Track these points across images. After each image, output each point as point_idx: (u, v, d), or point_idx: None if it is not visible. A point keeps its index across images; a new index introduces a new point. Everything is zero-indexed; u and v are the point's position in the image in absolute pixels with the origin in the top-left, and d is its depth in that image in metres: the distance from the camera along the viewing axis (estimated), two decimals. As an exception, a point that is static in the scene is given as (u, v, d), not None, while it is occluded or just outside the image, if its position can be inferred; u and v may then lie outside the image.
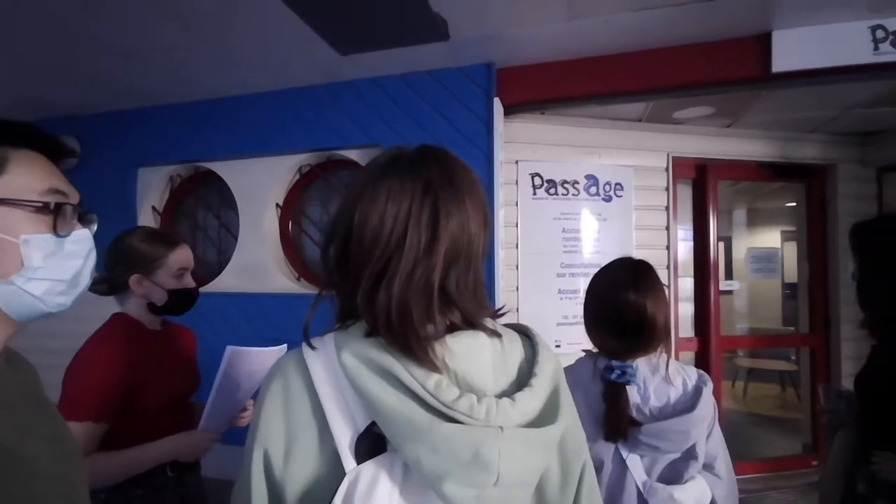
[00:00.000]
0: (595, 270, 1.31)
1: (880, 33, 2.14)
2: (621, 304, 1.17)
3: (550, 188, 2.93)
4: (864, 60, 2.16)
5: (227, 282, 3.11)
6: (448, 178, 0.61)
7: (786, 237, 6.34)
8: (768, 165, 3.44)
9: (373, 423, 0.56)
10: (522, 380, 0.60)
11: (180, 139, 3.13)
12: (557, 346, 2.86)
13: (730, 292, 5.72)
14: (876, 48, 2.15)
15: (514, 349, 0.64)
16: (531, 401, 0.57)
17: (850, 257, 1.47)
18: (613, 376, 1.15)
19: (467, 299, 0.60)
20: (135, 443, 1.18)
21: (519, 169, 2.92)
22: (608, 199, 3.00)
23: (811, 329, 3.54)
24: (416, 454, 0.52)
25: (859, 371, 1.45)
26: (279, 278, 3.03)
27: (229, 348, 1.27)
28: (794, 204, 4.22)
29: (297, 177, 3.19)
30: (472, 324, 0.61)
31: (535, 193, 2.92)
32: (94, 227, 0.71)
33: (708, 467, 1.20)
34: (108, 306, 1.36)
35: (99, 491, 1.13)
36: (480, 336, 0.60)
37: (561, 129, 3.00)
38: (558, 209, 2.92)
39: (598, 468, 1.16)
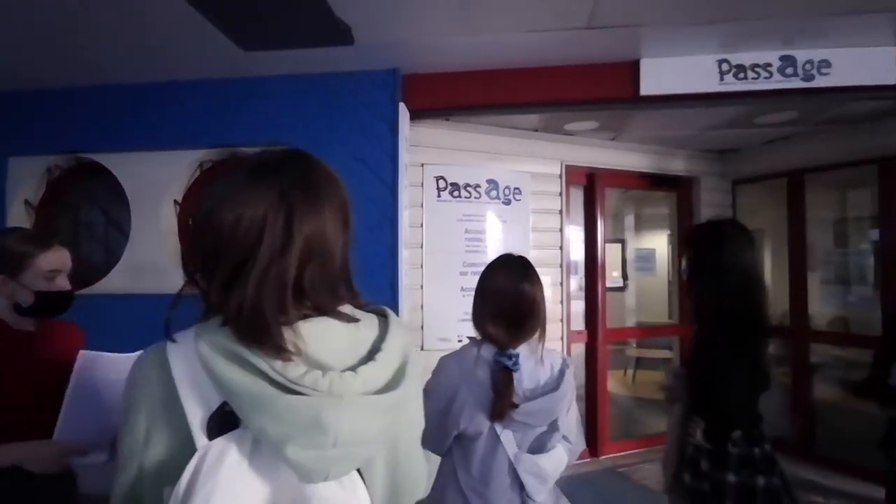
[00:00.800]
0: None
1: (725, 66, 2.53)
2: (519, 295, 1.32)
3: (454, 191, 3.09)
4: (711, 89, 2.54)
5: (115, 283, 2.91)
6: (305, 185, 0.66)
7: (670, 240, 7.10)
8: (647, 176, 3.89)
9: (224, 403, 0.61)
10: (372, 356, 0.67)
11: (61, 128, 2.87)
12: (460, 341, 3.01)
13: (623, 289, 6.31)
14: (721, 79, 2.54)
15: (369, 330, 0.71)
16: (374, 372, 0.64)
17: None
18: (510, 364, 1.28)
19: (322, 292, 0.67)
20: None
21: (424, 172, 3.05)
22: (507, 203, 3.23)
23: (681, 320, 4.04)
24: (262, 424, 0.57)
25: (687, 351, 1.74)
26: (177, 278, 2.89)
27: (82, 353, 1.25)
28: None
29: (199, 173, 3.07)
30: (324, 312, 0.67)
31: (439, 196, 3.07)
32: None
33: (565, 437, 1.38)
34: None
35: None
36: (331, 321, 0.67)
37: (465, 135, 3.18)
38: (461, 211, 3.10)
39: (476, 437, 1.30)
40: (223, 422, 0.61)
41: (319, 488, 0.60)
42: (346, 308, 0.71)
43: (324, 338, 0.65)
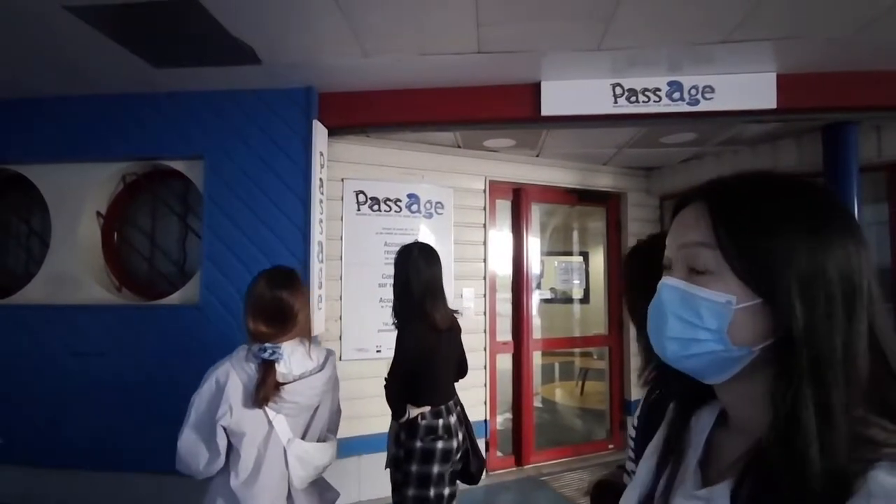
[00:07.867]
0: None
1: (618, 90, 2.69)
2: (276, 300, 1.51)
3: (374, 205, 3.18)
4: (606, 111, 2.69)
5: (34, 293, 2.93)
6: None
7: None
8: (573, 191, 4.03)
9: None
10: None
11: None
12: (378, 351, 3.09)
13: (571, 301, 6.42)
14: (615, 102, 2.69)
15: None
16: None
17: None
18: (266, 355, 1.45)
19: None
20: None
21: (344, 186, 3.14)
22: (429, 216, 3.33)
23: (609, 330, 4.17)
24: None
25: None
26: (95, 289, 2.92)
27: None
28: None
29: (122, 186, 3.11)
30: None
31: (359, 209, 3.15)
32: None
33: (331, 430, 1.63)
34: None
35: None
36: None
37: (385, 151, 3.28)
38: (381, 224, 3.19)
39: (242, 436, 1.41)
40: None
41: None
42: None
43: None
